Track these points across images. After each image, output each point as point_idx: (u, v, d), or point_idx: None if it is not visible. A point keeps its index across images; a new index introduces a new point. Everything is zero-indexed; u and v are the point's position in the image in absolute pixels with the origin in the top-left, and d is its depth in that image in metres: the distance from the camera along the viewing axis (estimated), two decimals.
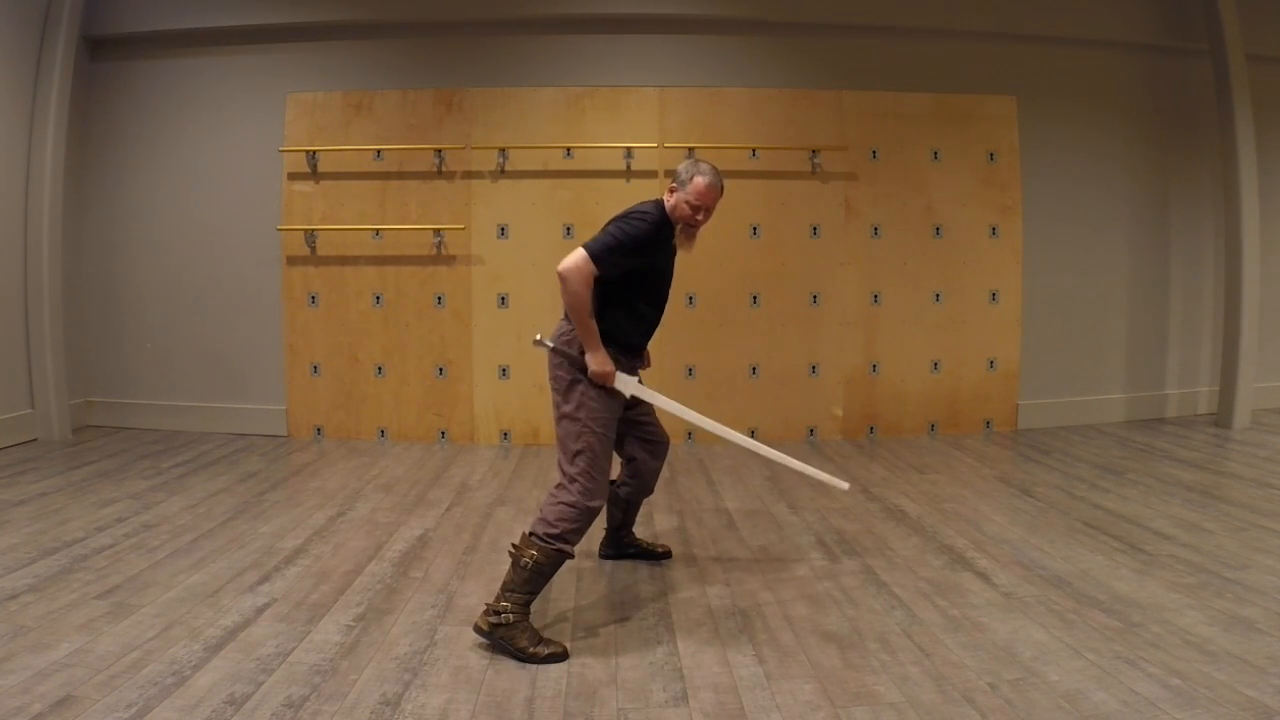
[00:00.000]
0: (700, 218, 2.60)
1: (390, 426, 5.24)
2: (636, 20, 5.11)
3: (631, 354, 2.70)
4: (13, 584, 2.80)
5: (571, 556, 2.45)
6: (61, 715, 1.98)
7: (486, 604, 2.43)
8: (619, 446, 2.83)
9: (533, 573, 2.39)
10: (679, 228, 2.62)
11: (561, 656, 2.33)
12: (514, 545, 2.44)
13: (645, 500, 3.17)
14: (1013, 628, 2.50)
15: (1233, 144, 5.31)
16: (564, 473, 2.50)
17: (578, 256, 2.43)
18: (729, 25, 5.17)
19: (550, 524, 2.41)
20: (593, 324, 2.49)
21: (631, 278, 2.56)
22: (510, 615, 2.34)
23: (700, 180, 2.57)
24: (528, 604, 2.40)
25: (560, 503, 2.44)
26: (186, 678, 2.18)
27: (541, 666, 2.28)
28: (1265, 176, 5.43)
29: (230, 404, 5.34)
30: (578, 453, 2.49)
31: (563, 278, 2.43)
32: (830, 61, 5.24)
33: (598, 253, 2.45)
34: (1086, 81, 5.46)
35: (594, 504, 2.47)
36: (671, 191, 2.62)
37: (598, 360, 2.51)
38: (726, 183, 2.75)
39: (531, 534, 2.43)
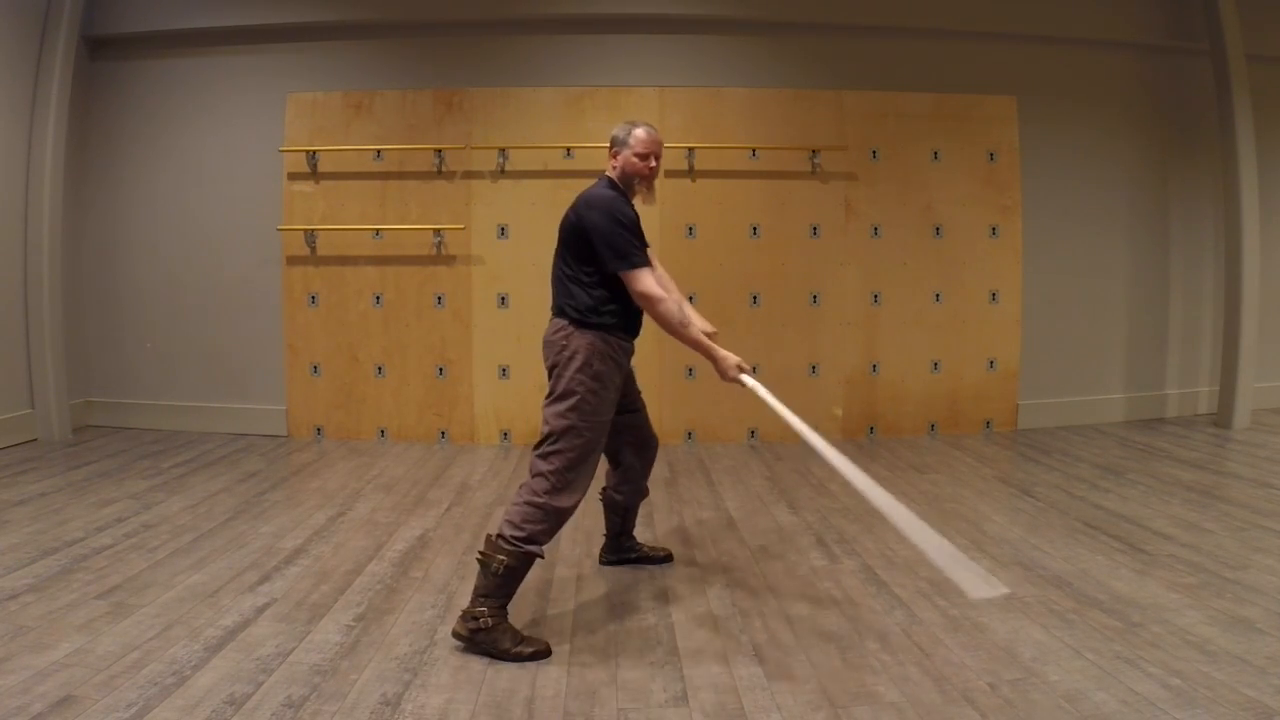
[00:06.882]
0: (653, 164, 2.64)
1: (390, 426, 5.24)
2: (636, 20, 5.11)
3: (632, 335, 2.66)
4: (13, 584, 2.80)
5: (541, 556, 2.40)
6: (61, 715, 1.99)
7: (463, 609, 2.39)
8: (609, 450, 2.78)
9: (504, 577, 2.34)
10: (637, 184, 2.65)
11: (544, 653, 2.32)
12: (481, 551, 2.38)
13: (645, 501, 3.15)
14: (1013, 628, 2.50)
15: (1233, 144, 5.30)
16: (537, 471, 2.42)
17: (632, 280, 2.45)
18: (729, 25, 5.16)
19: (517, 526, 2.35)
20: (693, 334, 2.53)
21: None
22: (488, 620, 2.32)
23: (640, 131, 2.63)
24: (503, 606, 2.36)
25: (527, 503, 2.38)
26: (186, 678, 2.18)
27: (541, 667, 2.28)
28: (1265, 176, 5.41)
29: (230, 404, 5.33)
30: (556, 451, 2.41)
31: (648, 307, 2.50)
32: (830, 61, 5.24)
33: (632, 256, 2.46)
34: (1086, 81, 5.45)
35: (562, 504, 2.39)
36: (615, 156, 2.65)
37: (721, 360, 2.53)
38: (726, 183, 2.78)
39: (499, 536, 2.37)
